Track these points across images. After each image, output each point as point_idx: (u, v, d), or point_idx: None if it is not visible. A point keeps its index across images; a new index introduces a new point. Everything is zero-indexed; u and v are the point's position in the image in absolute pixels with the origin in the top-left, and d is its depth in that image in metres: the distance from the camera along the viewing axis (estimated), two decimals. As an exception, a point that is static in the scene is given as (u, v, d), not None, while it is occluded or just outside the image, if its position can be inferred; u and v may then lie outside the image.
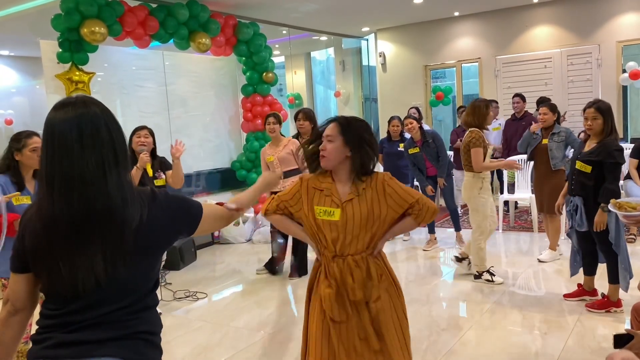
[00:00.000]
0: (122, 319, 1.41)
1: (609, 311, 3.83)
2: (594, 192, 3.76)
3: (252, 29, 7.16)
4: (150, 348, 1.46)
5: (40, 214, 1.38)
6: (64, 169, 1.34)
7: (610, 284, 3.84)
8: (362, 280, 2.23)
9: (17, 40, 8.34)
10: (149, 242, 1.42)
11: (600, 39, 8.03)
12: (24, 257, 1.42)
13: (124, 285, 1.40)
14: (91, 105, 1.40)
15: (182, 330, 4.03)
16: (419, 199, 2.27)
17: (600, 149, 3.74)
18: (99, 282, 1.35)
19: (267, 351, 3.61)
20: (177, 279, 5.34)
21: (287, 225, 2.40)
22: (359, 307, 2.24)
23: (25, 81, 10.10)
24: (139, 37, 5.98)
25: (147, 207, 1.40)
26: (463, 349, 3.45)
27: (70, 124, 1.36)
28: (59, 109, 1.40)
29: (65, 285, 1.36)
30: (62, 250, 1.35)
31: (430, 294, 4.53)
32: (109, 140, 1.38)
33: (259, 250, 6.51)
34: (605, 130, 3.75)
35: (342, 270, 2.23)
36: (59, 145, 1.35)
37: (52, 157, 1.36)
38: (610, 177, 3.71)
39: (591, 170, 3.76)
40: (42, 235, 1.37)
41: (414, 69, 9.57)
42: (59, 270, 1.35)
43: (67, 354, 1.36)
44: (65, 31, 5.40)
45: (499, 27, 8.75)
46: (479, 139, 4.53)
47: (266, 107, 7.46)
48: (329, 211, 2.21)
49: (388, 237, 2.32)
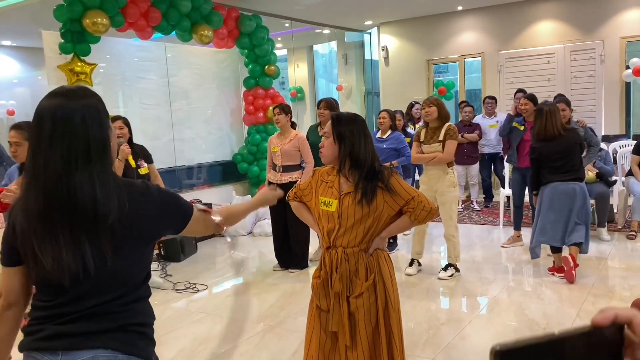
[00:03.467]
0: (114, 311, 1.41)
1: (553, 274, 4.58)
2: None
3: (254, 22, 7.14)
4: (142, 340, 1.46)
5: (21, 204, 1.40)
6: (35, 159, 1.36)
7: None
8: (347, 274, 2.25)
9: (19, 30, 8.33)
10: (136, 234, 1.41)
11: (604, 34, 7.99)
12: (15, 249, 1.41)
13: (112, 276, 1.39)
14: (73, 98, 1.38)
15: (183, 321, 4.04)
16: (415, 196, 2.26)
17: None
18: (78, 274, 1.34)
19: (266, 343, 3.62)
20: (178, 270, 5.35)
21: (301, 213, 2.52)
22: (341, 299, 2.26)
23: (27, 72, 10.09)
24: (141, 29, 5.97)
25: (130, 201, 1.38)
26: (462, 343, 3.46)
27: (48, 115, 1.36)
28: (45, 99, 1.40)
29: (50, 276, 1.36)
30: (37, 240, 1.35)
31: (429, 288, 4.54)
32: (83, 136, 1.36)
33: (259, 243, 6.53)
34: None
35: (332, 261, 2.28)
36: (35, 135, 1.37)
37: (30, 147, 1.38)
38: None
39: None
40: (24, 225, 1.37)
41: (417, 63, 9.55)
42: (41, 260, 1.36)
43: (59, 345, 1.37)
44: (68, 22, 5.40)
45: (503, 22, 8.71)
46: (456, 132, 4.71)
47: (268, 100, 7.46)
48: (328, 202, 2.28)
49: (384, 236, 2.32)
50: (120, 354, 1.38)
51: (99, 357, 1.36)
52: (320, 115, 5.33)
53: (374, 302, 2.25)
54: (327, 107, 5.26)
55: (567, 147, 4.40)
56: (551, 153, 4.41)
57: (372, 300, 2.25)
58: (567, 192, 4.39)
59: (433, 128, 4.68)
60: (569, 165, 4.41)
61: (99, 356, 1.36)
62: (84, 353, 1.36)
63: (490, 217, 7.11)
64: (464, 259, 5.06)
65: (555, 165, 4.41)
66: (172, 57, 7.01)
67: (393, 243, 5.76)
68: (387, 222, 2.28)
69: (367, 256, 2.28)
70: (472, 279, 4.73)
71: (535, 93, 7.53)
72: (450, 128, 4.62)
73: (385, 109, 5.96)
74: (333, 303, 2.26)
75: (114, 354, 1.37)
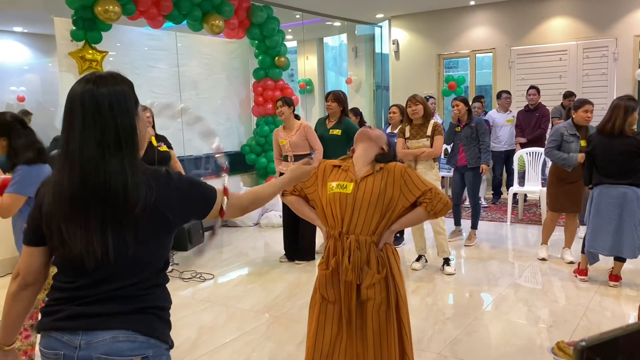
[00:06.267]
0: (134, 294, 1.42)
1: (575, 276, 4.49)
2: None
3: (265, 12, 7.12)
4: (160, 323, 1.47)
5: (52, 185, 1.40)
6: (68, 144, 1.37)
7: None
8: (358, 262, 2.25)
9: (30, 17, 8.34)
10: (160, 222, 1.43)
11: (618, 32, 7.91)
12: (40, 229, 1.43)
13: (133, 261, 1.41)
14: (102, 85, 1.39)
15: (188, 310, 4.06)
16: (432, 188, 2.26)
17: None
18: (102, 258, 1.36)
19: (272, 333, 3.64)
20: (185, 260, 5.38)
21: (300, 207, 2.46)
22: (351, 288, 2.26)
23: (37, 58, 10.11)
24: (152, 17, 5.97)
25: (156, 189, 1.40)
26: (468, 339, 3.45)
27: (77, 101, 1.38)
28: (76, 84, 1.41)
29: (74, 258, 1.37)
30: (66, 222, 1.36)
31: (435, 284, 4.54)
32: (112, 123, 1.37)
33: (265, 234, 6.54)
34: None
35: (343, 249, 2.25)
36: (67, 120, 1.38)
37: (64, 131, 1.39)
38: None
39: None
40: (53, 206, 1.38)
41: (428, 58, 9.49)
42: (67, 242, 1.37)
43: (79, 325, 1.38)
44: (79, 9, 5.40)
45: (515, 18, 8.64)
46: (442, 128, 4.90)
47: (277, 92, 7.44)
48: (343, 185, 2.27)
49: (396, 229, 2.31)
50: (139, 335, 1.40)
51: (119, 337, 1.38)
52: (328, 107, 5.32)
53: (385, 297, 2.26)
54: (335, 99, 5.25)
55: (624, 150, 4.03)
56: (606, 150, 4.09)
57: (384, 295, 2.26)
58: (617, 197, 4.07)
59: (418, 125, 4.86)
60: (623, 169, 4.05)
61: (119, 336, 1.38)
62: (104, 333, 1.37)
63: (498, 214, 7.08)
64: (470, 255, 5.05)
65: (607, 166, 4.11)
66: (183, 47, 7.01)
67: (400, 237, 5.76)
68: (399, 214, 2.28)
69: (378, 250, 2.27)
70: (479, 275, 4.72)
71: (547, 90, 7.55)
72: (436, 124, 4.83)
73: (396, 104, 5.95)
74: (343, 292, 2.26)
75: (134, 335, 1.39)
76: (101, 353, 1.37)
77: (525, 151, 6.69)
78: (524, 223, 6.62)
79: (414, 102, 4.80)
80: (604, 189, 4.15)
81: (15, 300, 1.49)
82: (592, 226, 4.23)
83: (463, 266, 5.03)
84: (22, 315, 1.52)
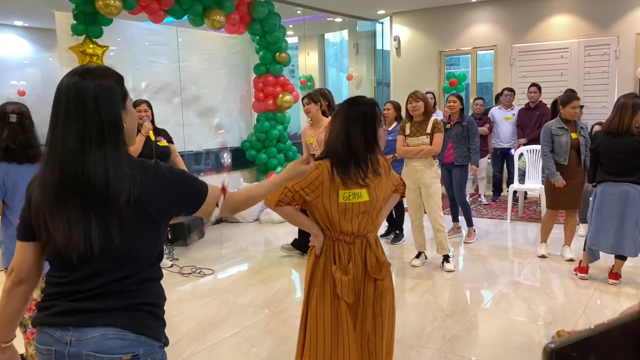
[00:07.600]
0: (126, 290, 1.41)
1: (576, 274, 4.49)
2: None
3: (266, 8, 7.10)
4: (152, 320, 1.46)
5: (39, 178, 1.41)
6: (53, 135, 1.38)
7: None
8: (375, 259, 2.30)
9: (31, 11, 8.31)
10: (146, 214, 1.41)
11: (620, 30, 7.89)
12: (30, 224, 1.42)
13: (120, 255, 1.39)
14: (88, 78, 1.38)
15: (188, 305, 4.07)
16: (400, 177, 2.52)
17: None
18: (86, 250, 1.35)
19: (271, 329, 3.64)
20: (184, 255, 5.38)
21: (298, 218, 2.33)
22: (367, 284, 2.28)
23: (38, 53, 10.10)
24: (153, 12, 5.95)
25: (141, 182, 1.38)
26: (467, 335, 3.46)
27: (64, 93, 1.38)
28: (65, 77, 1.41)
29: (60, 252, 1.37)
30: (50, 215, 1.36)
31: (435, 281, 4.54)
32: (96, 116, 1.36)
33: (265, 230, 6.55)
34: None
35: (360, 251, 2.27)
36: (53, 112, 1.39)
37: (50, 123, 1.40)
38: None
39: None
40: (40, 198, 1.39)
41: (429, 55, 9.48)
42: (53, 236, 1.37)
43: (71, 321, 1.38)
44: (80, 3, 5.38)
45: (517, 15, 8.62)
46: (442, 125, 4.83)
47: (278, 88, 7.43)
48: (357, 193, 2.22)
49: (381, 220, 2.45)
50: (129, 332, 1.39)
51: (108, 334, 1.37)
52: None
53: (390, 285, 2.37)
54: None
55: (629, 148, 4.04)
56: (610, 148, 4.11)
57: (391, 286, 2.38)
58: (619, 194, 4.08)
59: (418, 122, 4.80)
60: (627, 166, 4.06)
61: (108, 334, 1.37)
62: (94, 330, 1.37)
63: (498, 211, 7.08)
64: (470, 253, 5.06)
65: (611, 163, 4.12)
66: (184, 42, 6.99)
67: (399, 234, 5.76)
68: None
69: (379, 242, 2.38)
70: (478, 272, 4.73)
71: (548, 88, 7.52)
72: (436, 121, 4.77)
73: (390, 101, 5.92)
74: (363, 291, 2.27)
75: (124, 332, 1.38)
76: (90, 350, 1.36)
77: (526, 149, 6.69)
78: (524, 221, 6.62)
79: (415, 98, 4.75)
80: (607, 186, 4.16)
81: (10, 297, 1.48)
82: (594, 224, 4.23)
83: (462, 263, 5.04)
84: (18, 312, 1.51)
